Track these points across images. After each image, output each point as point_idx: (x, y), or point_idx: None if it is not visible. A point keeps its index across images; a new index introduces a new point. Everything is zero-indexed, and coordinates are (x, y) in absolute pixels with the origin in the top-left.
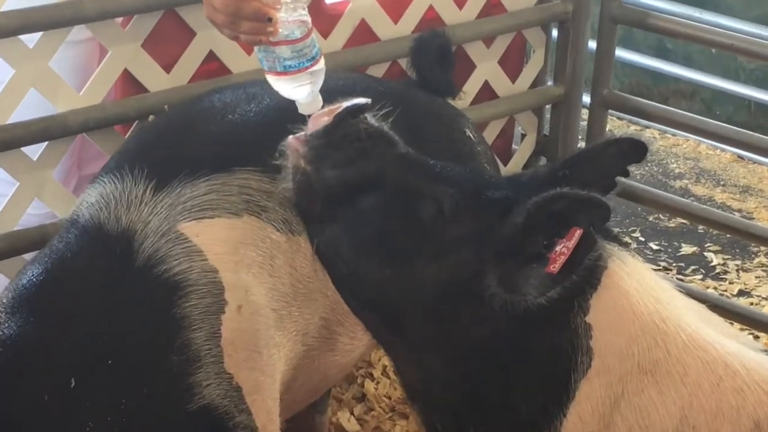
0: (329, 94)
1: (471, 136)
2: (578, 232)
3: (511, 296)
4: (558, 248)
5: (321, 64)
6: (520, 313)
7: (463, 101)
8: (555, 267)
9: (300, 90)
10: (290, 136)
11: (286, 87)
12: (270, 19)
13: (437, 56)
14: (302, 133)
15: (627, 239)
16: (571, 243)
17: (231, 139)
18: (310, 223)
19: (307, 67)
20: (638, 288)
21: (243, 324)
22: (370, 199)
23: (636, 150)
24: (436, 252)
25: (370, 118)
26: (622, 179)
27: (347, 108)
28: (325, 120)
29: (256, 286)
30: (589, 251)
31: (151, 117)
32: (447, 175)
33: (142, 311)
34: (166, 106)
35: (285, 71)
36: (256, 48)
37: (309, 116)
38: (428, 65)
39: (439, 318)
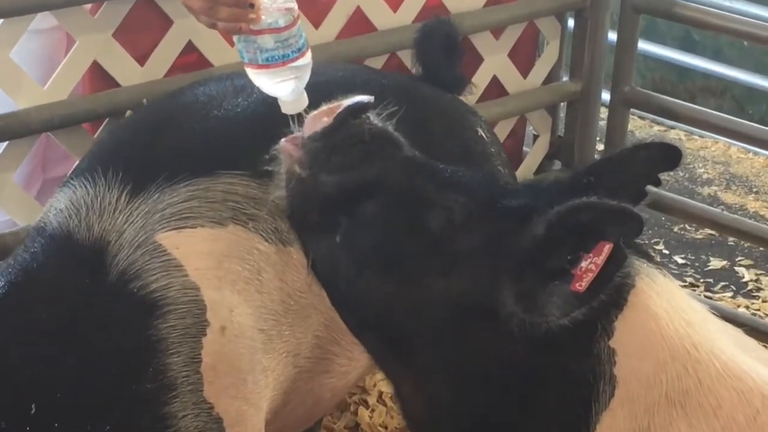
0: (326, 86)
1: (483, 135)
2: (607, 247)
3: (531, 316)
4: (584, 264)
5: (308, 58)
6: (538, 335)
7: (469, 99)
8: (582, 285)
9: (283, 86)
10: (283, 139)
11: (267, 82)
12: (252, 5)
13: (444, 47)
14: (297, 134)
15: (649, 251)
16: (600, 258)
17: (216, 138)
18: (305, 235)
19: (292, 60)
20: (668, 309)
21: (226, 347)
22: (373, 208)
23: (668, 156)
24: (446, 266)
25: (374, 118)
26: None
27: (349, 107)
28: (324, 120)
29: (241, 305)
30: (619, 268)
31: (128, 113)
32: (458, 180)
33: (114, 331)
34: (144, 100)
35: (267, 63)
36: (235, 38)
37: (294, 116)
38: (434, 57)
39: (448, 339)
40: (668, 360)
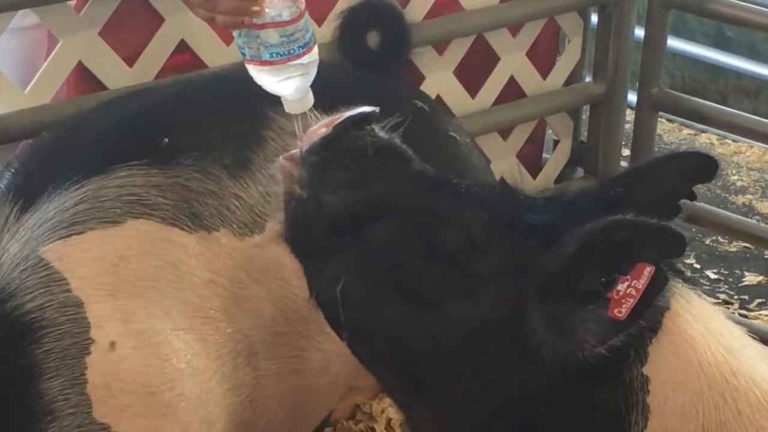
0: None
1: (455, 135)
2: (648, 270)
3: (564, 344)
4: (622, 287)
5: (314, 54)
6: (571, 363)
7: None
8: (621, 311)
9: (287, 84)
10: (281, 157)
11: (270, 80)
12: None
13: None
14: (295, 151)
15: (680, 266)
16: (641, 282)
17: (110, 134)
18: (306, 262)
19: (297, 56)
20: (705, 334)
21: (122, 363)
22: (382, 229)
23: (703, 167)
24: (465, 290)
25: (378, 130)
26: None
27: (350, 117)
28: (323, 132)
29: (146, 308)
30: (659, 292)
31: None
32: (475, 195)
33: None
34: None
35: (271, 60)
36: (235, 33)
37: (295, 116)
38: (362, 42)
39: (471, 370)
40: (705, 389)
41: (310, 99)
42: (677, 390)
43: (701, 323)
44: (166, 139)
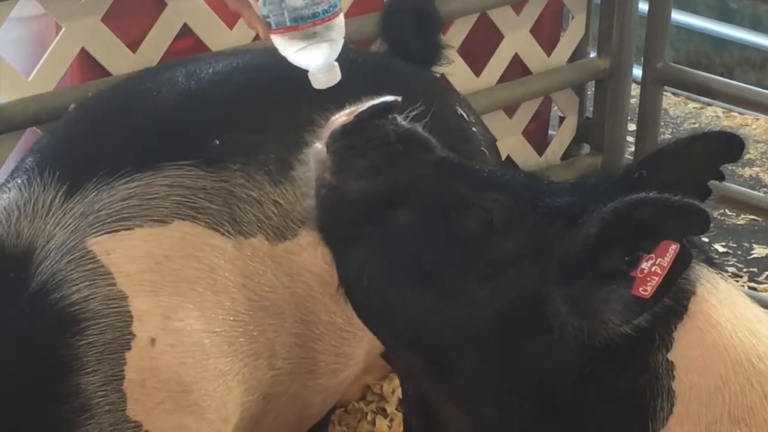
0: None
1: (464, 114)
2: (673, 248)
3: (588, 324)
4: (646, 265)
5: (340, 21)
6: (595, 346)
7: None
8: (646, 289)
9: (314, 54)
10: (317, 143)
11: (295, 47)
12: None
13: (415, 19)
14: (327, 137)
15: (709, 249)
16: (666, 260)
17: (161, 127)
18: (334, 248)
19: (322, 20)
20: (731, 319)
21: (159, 360)
22: (405, 215)
23: (729, 146)
24: (487, 273)
25: (400, 119)
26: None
27: (373, 106)
28: (344, 120)
29: (184, 309)
30: (684, 270)
31: (72, 106)
32: (496, 179)
33: (26, 350)
34: (72, 106)
35: (296, 25)
36: (261, 2)
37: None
38: (403, 31)
39: (495, 354)
40: (731, 374)
41: (337, 73)
42: (703, 375)
43: (727, 308)
44: (217, 141)
